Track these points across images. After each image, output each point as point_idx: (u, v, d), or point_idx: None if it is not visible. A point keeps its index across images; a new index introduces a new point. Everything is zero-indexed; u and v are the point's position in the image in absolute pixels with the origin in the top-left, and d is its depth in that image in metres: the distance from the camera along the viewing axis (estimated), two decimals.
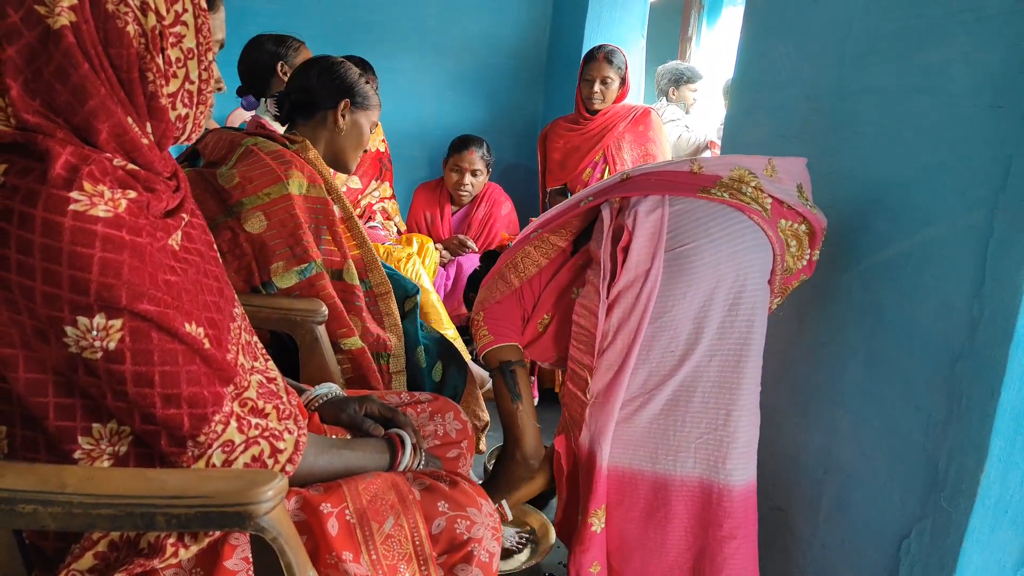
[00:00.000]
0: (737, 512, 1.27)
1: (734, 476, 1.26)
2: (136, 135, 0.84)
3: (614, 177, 1.39)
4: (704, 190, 1.27)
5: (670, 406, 1.29)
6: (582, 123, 3.06)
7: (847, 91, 1.41)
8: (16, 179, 0.77)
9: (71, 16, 0.76)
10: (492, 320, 1.49)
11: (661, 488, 1.30)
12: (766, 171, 1.30)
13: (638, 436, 1.31)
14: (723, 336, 1.26)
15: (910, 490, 1.19)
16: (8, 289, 0.76)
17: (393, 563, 0.98)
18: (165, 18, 0.82)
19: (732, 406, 1.26)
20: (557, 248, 1.44)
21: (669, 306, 1.27)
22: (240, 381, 0.92)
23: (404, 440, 1.16)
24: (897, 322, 1.24)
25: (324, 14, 3.65)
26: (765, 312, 1.29)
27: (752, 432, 1.29)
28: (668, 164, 1.37)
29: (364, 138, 1.78)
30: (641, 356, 1.28)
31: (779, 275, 1.32)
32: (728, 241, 1.25)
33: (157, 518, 0.77)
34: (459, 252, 3.19)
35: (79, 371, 0.80)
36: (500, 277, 1.47)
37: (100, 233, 0.76)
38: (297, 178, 1.54)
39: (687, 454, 1.28)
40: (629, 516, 1.33)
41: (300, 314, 1.48)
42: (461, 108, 3.95)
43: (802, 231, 1.32)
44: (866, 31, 1.36)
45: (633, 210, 1.29)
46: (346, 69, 1.75)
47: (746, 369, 1.26)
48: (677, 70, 4.13)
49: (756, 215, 1.26)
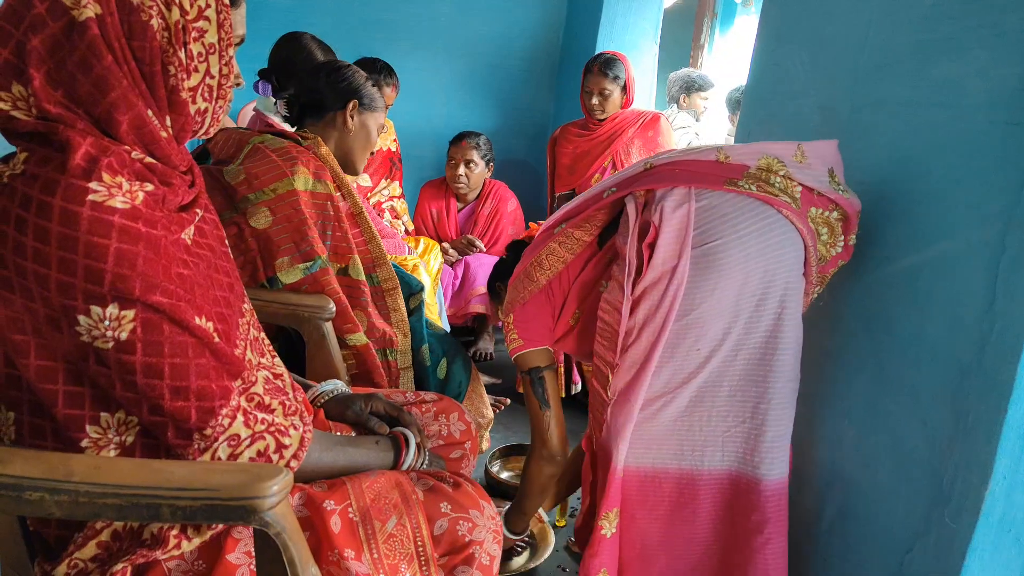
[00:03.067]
0: (767, 506, 1.24)
1: (763, 468, 1.24)
2: (155, 128, 0.85)
3: (636, 166, 1.36)
4: (731, 182, 1.23)
5: (695, 403, 1.26)
6: (591, 128, 3.06)
7: (861, 103, 1.41)
8: (36, 168, 0.77)
9: (96, 8, 0.77)
10: (521, 323, 1.47)
11: (687, 484, 1.28)
12: (795, 157, 1.25)
13: (661, 434, 1.28)
14: (749, 331, 1.24)
15: (914, 504, 1.18)
16: (23, 276, 0.77)
17: (394, 562, 0.98)
18: (188, 13, 0.83)
19: (760, 400, 1.24)
20: (582, 243, 1.41)
21: (696, 304, 1.23)
22: (248, 376, 0.92)
23: (408, 439, 1.16)
24: (906, 336, 1.24)
25: (338, 12, 3.66)
26: (798, 305, 1.26)
27: (783, 426, 1.26)
28: (692, 152, 1.32)
29: (372, 139, 1.80)
30: (665, 355, 1.25)
31: (814, 265, 1.28)
32: (756, 237, 1.22)
33: (162, 509, 0.77)
34: (467, 252, 3.19)
35: (90, 360, 0.80)
36: (526, 276, 1.45)
37: (117, 224, 0.77)
38: (303, 174, 1.55)
39: (714, 448, 1.26)
40: (653, 516, 1.30)
41: (308, 310, 1.48)
42: (472, 109, 3.95)
43: (833, 218, 1.28)
44: (881, 43, 1.36)
45: (659, 205, 1.25)
46: (353, 72, 1.77)
47: (775, 362, 1.24)
48: (689, 78, 4.13)
49: (785, 207, 1.23)
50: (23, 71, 0.77)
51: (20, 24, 0.77)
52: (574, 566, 1.76)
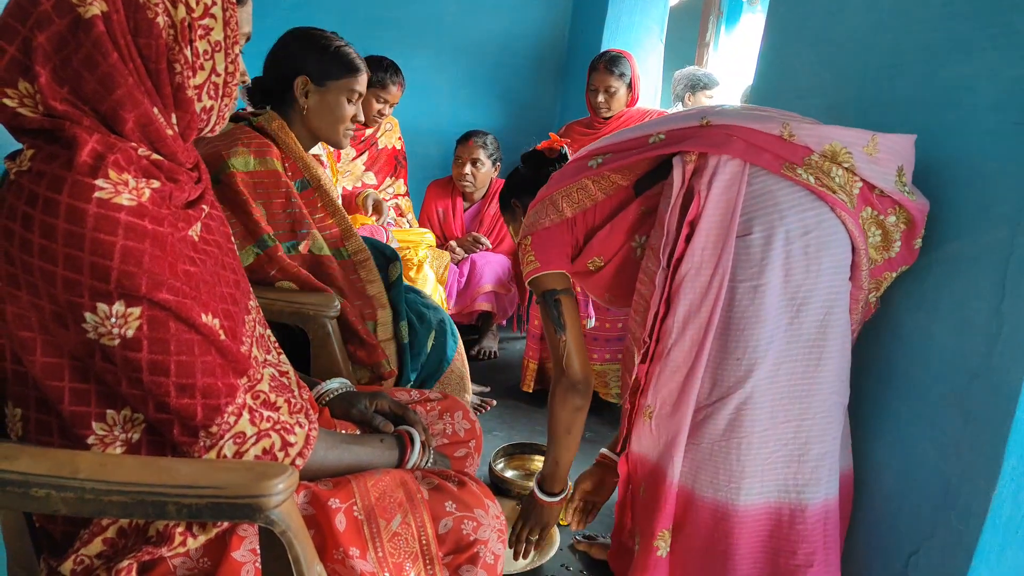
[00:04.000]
0: (813, 535, 1.14)
1: (807, 493, 1.14)
2: (161, 125, 0.84)
3: (690, 115, 1.25)
4: (790, 167, 1.14)
5: (734, 424, 1.16)
6: (596, 127, 3.05)
7: (869, 103, 1.40)
8: (42, 165, 0.77)
9: (103, 6, 0.77)
10: (539, 246, 1.39)
11: (722, 519, 1.17)
12: (866, 149, 1.15)
13: (701, 456, 1.19)
14: (792, 340, 1.15)
15: (920, 506, 1.18)
16: (30, 273, 0.77)
17: (399, 561, 0.98)
18: (195, 10, 0.82)
19: (803, 417, 1.14)
20: (618, 187, 1.32)
21: (736, 300, 1.15)
22: (253, 374, 0.92)
23: (413, 437, 1.16)
24: (913, 337, 1.24)
25: (344, 10, 3.66)
26: (845, 312, 1.17)
27: (829, 443, 1.16)
28: (755, 117, 1.20)
29: (339, 112, 1.65)
30: (707, 365, 1.17)
31: (864, 269, 1.19)
32: (802, 235, 1.13)
33: (168, 507, 0.77)
34: (473, 250, 3.19)
35: (96, 357, 0.80)
36: (551, 203, 1.37)
37: (123, 221, 0.77)
38: (241, 155, 1.50)
39: (752, 480, 1.16)
40: (691, 544, 1.21)
41: (313, 308, 1.48)
42: (477, 107, 3.95)
43: (889, 222, 1.18)
44: (891, 44, 1.35)
45: (709, 178, 1.15)
46: (302, 43, 1.63)
47: (819, 374, 1.15)
48: (694, 76, 4.12)
49: (840, 207, 1.14)
50: (29, 68, 0.77)
51: (26, 21, 0.77)
52: (578, 565, 1.76)
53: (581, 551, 1.78)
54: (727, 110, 1.25)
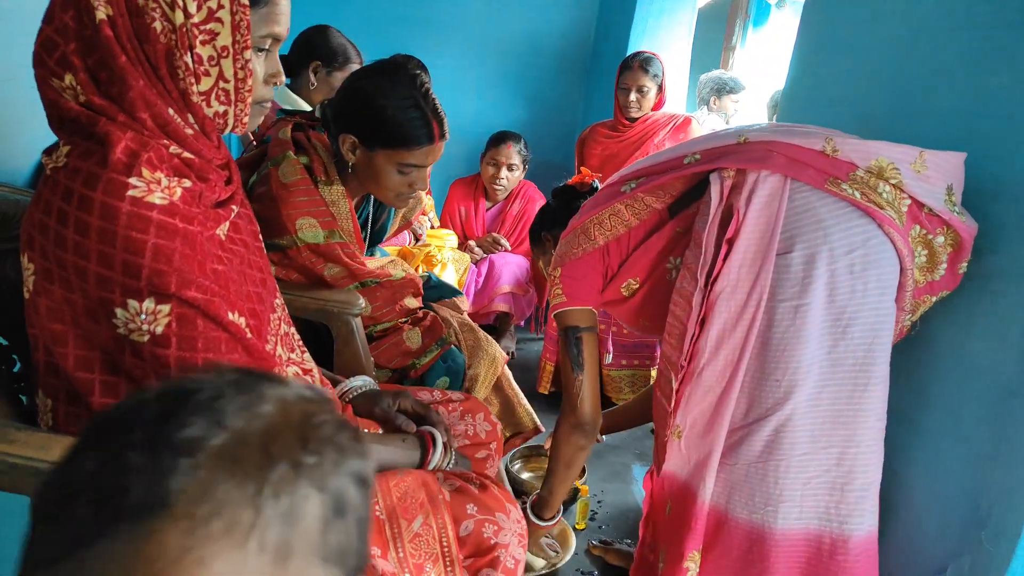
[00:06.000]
0: (856, 568, 1.10)
1: (850, 524, 1.09)
2: (178, 126, 0.84)
3: (728, 134, 1.20)
4: (834, 182, 1.08)
5: (772, 446, 1.11)
6: (621, 130, 3.03)
7: (904, 112, 1.38)
8: (78, 161, 0.78)
9: (108, 10, 0.77)
10: (569, 279, 1.36)
11: (757, 541, 1.13)
12: (914, 166, 1.09)
13: (736, 477, 1.15)
14: (836, 363, 1.09)
15: (949, 524, 1.16)
16: (63, 268, 0.78)
17: (420, 562, 0.98)
18: (194, 16, 0.79)
19: (848, 444, 1.09)
20: (651, 209, 1.28)
21: (776, 320, 1.10)
22: (278, 371, 0.93)
23: (436, 438, 1.16)
24: (945, 351, 1.21)
25: (369, 8, 3.67)
26: (889, 333, 1.12)
27: (873, 473, 1.12)
28: (795, 133, 1.15)
29: (386, 181, 1.48)
30: (744, 385, 1.12)
31: (909, 290, 1.14)
32: (848, 253, 1.08)
33: None
34: (492, 250, 3.19)
35: (126, 352, 0.81)
36: (583, 232, 1.33)
37: (155, 220, 0.77)
38: (310, 228, 1.48)
39: (790, 504, 1.10)
40: (722, 564, 1.17)
41: (337, 305, 1.49)
42: (501, 106, 3.95)
43: (937, 243, 1.12)
44: (930, 51, 1.32)
45: (748, 194, 1.11)
46: (359, 97, 1.44)
47: (865, 400, 1.09)
48: (720, 80, 4.09)
49: (888, 223, 1.08)
50: (73, 65, 0.78)
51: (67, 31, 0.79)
52: (594, 570, 1.75)
53: (596, 556, 1.77)
54: (766, 127, 1.21)
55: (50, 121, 0.83)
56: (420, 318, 1.76)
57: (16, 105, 1.47)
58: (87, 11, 0.77)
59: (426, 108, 1.44)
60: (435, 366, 1.71)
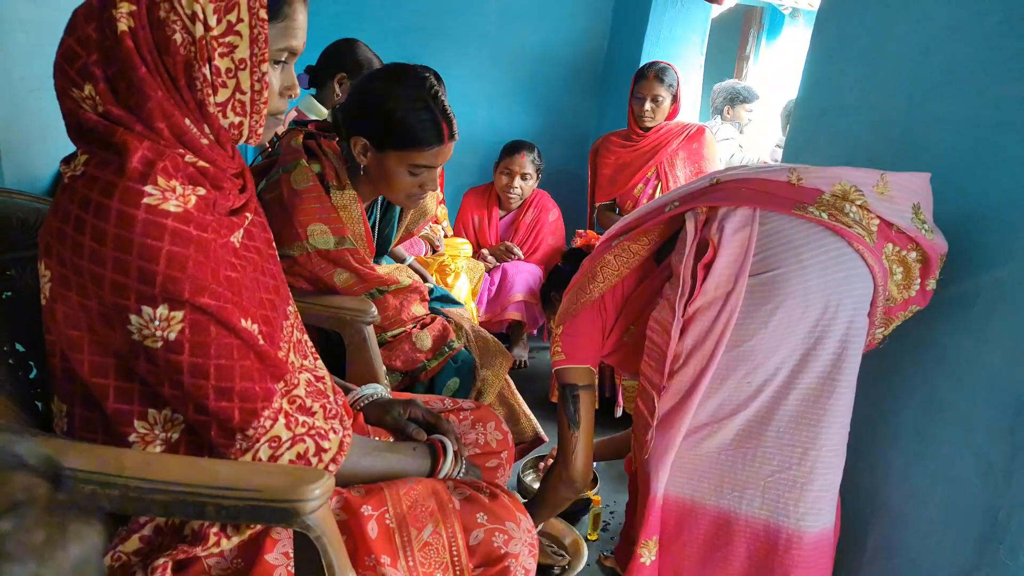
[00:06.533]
0: (809, 560, 1.16)
1: (806, 522, 1.15)
2: (195, 136, 0.85)
3: (702, 180, 1.29)
4: (801, 207, 1.14)
5: (741, 438, 1.19)
6: (634, 139, 3.03)
7: (918, 120, 1.37)
8: (95, 170, 0.79)
9: (130, 22, 0.79)
10: (568, 337, 1.43)
11: (723, 525, 1.21)
12: (876, 188, 1.15)
13: (703, 466, 1.22)
14: (805, 370, 1.16)
15: (964, 538, 1.14)
16: (80, 275, 0.79)
17: (429, 571, 0.98)
18: (213, 29, 0.81)
19: (810, 445, 1.15)
20: (639, 257, 1.35)
21: (749, 334, 1.17)
22: (290, 378, 0.93)
23: (446, 447, 1.16)
24: (959, 363, 1.20)
25: (385, 17, 3.70)
26: (859, 347, 1.17)
27: (832, 475, 1.18)
28: (764, 171, 1.23)
29: (397, 182, 1.50)
30: (714, 384, 1.19)
31: (880, 306, 1.19)
32: (821, 269, 1.14)
33: (207, 508, 0.78)
34: (505, 259, 3.20)
35: (140, 358, 0.82)
36: (580, 288, 1.41)
37: (169, 227, 0.78)
38: (320, 235, 1.50)
39: (754, 492, 1.18)
40: (687, 552, 1.24)
41: (350, 313, 1.49)
42: (514, 116, 3.96)
43: (911, 258, 1.18)
44: (944, 60, 1.32)
45: (720, 224, 1.18)
46: (369, 99, 1.46)
47: (830, 406, 1.15)
48: (733, 89, 4.09)
49: (858, 241, 1.13)
50: (94, 75, 0.80)
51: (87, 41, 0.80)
52: None
53: (608, 567, 1.76)
54: (737, 169, 1.28)
55: (69, 131, 0.85)
56: (428, 322, 1.77)
57: (39, 115, 1.50)
58: (109, 23, 0.79)
59: (435, 109, 1.45)
60: (445, 367, 1.72)
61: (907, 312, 1.23)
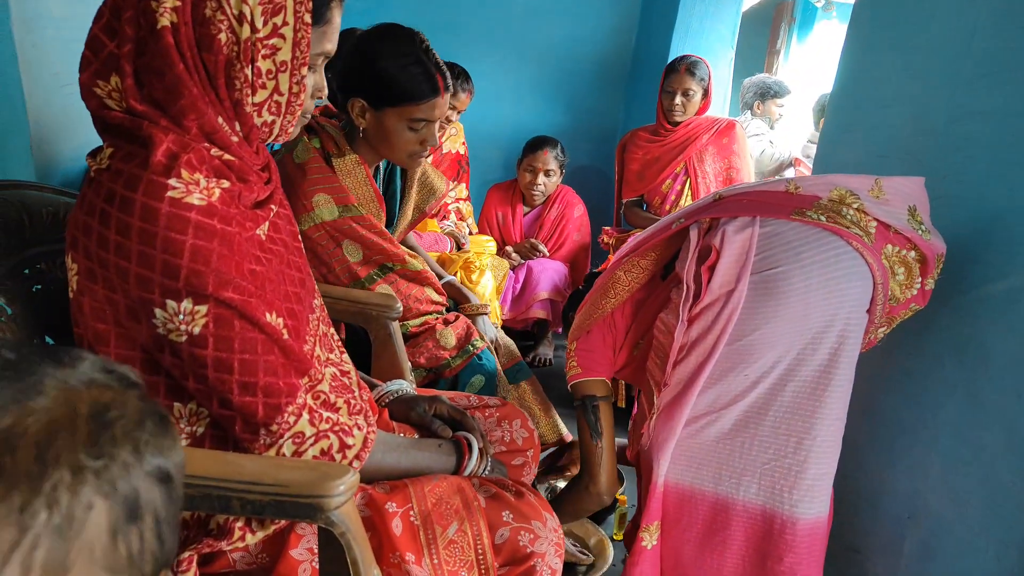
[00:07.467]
0: (800, 547, 1.20)
1: (799, 508, 1.19)
2: (225, 133, 0.85)
3: (707, 198, 1.34)
4: (799, 212, 1.19)
5: (739, 427, 1.23)
6: (663, 134, 2.99)
7: (960, 112, 1.33)
8: (120, 164, 0.79)
9: (172, 17, 0.78)
10: (583, 351, 1.48)
11: (721, 511, 1.25)
12: (872, 192, 1.20)
13: (702, 454, 1.26)
14: (802, 363, 1.19)
15: (1008, 545, 1.10)
16: (106, 268, 0.79)
17: (454, 569, 0.96)
18: (260, 31, 0.81)
19: (804, 435, 1.19)
20: (647, 272, 1.40)
21: (750, 330, 1.20)
22: (315, 373, 0.93)
23: (471, 444, 1.14)
24: (1003, 363, 1.15)
25: (410, 14, 3.68)
26: (857, 342, 1.20)
27: (826, 465, 1.21)
28: (764, 184, 1.30)
29: (398, 139, 1.53)
30: (714, 376, 1.23)
31: (881, 304, 1.22)
32: (820, 268, 1.17)
33: (233, 502, 0.77)
34: (530, 256, 3.18)
35: (165, 352, 0.82)
36: (592, 304, 1.45)
37: (193, 220, 0.78)
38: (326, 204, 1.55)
39: (751, 478, 1.22)
40: (686, 537, 1.28)
41: (376, 308, 1.49)
42: (540, 112, 3.94)
43: (911, 258, 1.21)
44: (986, 50, 1.27)
45: (721, 229, 1.23)
46: (361, 60, 1.49)
47: (825, 399, 1.19)
48: (764, 84, 4.02)
49: (856, 240, 1.17)
50: (121, 67, 0.80)
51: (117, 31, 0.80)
52: None
53: None
54: (739, 186, 1.35)
55: (95, 124, 0.85)
56: (451, 320, 1.77)
57: (71, 111, 1.52)
58: (145, 15, 0.78)
59: (428, 62, 1.48)
60: (470, 364, 1.72)
61: (908, 311, 1.26)
